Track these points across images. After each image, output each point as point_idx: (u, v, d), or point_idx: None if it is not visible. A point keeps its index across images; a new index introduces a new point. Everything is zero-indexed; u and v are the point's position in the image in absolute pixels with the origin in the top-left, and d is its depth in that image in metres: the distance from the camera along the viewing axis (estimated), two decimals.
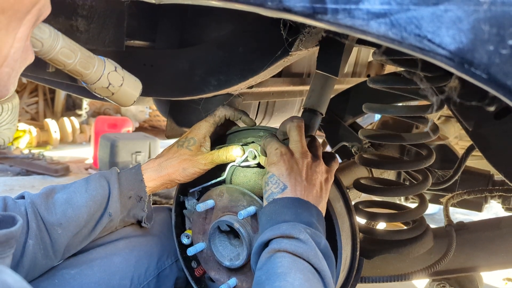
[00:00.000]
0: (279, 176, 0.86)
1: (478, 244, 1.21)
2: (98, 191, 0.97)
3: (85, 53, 0.88)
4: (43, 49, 0.81)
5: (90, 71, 0.89)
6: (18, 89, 6.02)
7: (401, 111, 1.05)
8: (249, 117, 1.13)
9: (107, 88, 0.92)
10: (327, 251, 0.78)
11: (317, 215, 0.83)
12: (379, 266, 1.19)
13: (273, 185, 0.86)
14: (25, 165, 4.35)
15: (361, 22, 0.40)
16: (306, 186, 0.85)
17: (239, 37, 1.22)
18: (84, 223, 0.96)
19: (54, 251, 0.93)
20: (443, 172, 1.68)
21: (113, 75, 0.92)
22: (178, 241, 1.08)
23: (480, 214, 1.82)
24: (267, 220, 0.83)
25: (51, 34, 0.81)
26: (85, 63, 0.88)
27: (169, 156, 1.05)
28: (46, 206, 0.94)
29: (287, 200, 0.83)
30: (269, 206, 0.84)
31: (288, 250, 0.74)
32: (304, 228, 0.77)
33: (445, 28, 0.38)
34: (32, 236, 0.90)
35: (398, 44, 0.40)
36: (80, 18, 1.25)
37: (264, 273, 0.73)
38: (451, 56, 0.38)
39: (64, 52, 0.84)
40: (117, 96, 0.95)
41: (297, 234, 0.76)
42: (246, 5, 0.48)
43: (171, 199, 3.49)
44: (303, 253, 0.74)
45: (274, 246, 0.76)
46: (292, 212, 0.81)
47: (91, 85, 0.91)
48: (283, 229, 0.77)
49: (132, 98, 0.98)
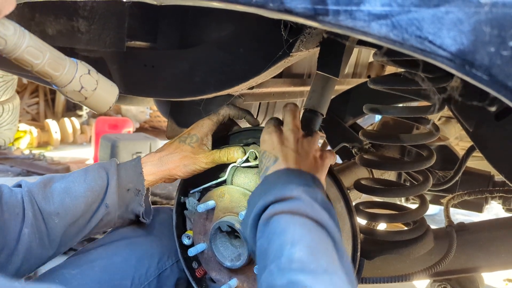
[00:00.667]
0: (270, 151, 0.87)
1: (479, 245, 1.21)
2: (97, 181, 0.98)
3: (55, 53, 0.83)
4: (6, 47, 0.76)
5: (60, 73, 0.83)
6: (19, 90, 6.02)
7: (402, 112, 1.05)
8: (252, 117, 1.13)
9: (79, 92, 0.87)
10: (325, 205, 0.75)
11: (313, 180, 0.80)
12: (379, 266, 1.19)
13: (265, 160, 0.86)
14: (26, 165, 4.36)
15: (362, 24, 0.40)
16: (297, 157, 0.84)
17: (240, 38, 1.22)
18: (81, 213, 0.96)
19: (50, 240, 0.94)
20: (443, 173, 1.68)
21: (86, 78, 0.87)
22: (179, 242, 1.08)
23: (481, 215, 1.82)
24: (262, 197, 0.78)
25: (16, 32, 0.77)
26: (55, 64, 0.82)
27: (171, 151, 1.05)
28: (44, 195, 0.94)
29: (278, 173, 0.82)
30: (261, 184, 0.83)
31: (285, 211, 0.71)
32: (295, 187, 0.74)
33: (446, 29, 0.38)
34: (28, 225, 0.90)
35: (399, 46, 0.40)
36: (81, 19, 1.25)
37: (265, 239, 0.70)
38: (452, 57, 0.38)
39: (30, 52, 0.79)
40: (90, 101, 0.89)
41: (290, 193, 0.73)
42: (247, 6, 0.48)
43: (171, 199, 3.49)
44: (299, 208, 0.71)
45: (268, 212, 0.73)
46: (284, 180, 0.78)
47: (62, 88, 0.86)
48: (274, 194, 0.74)
49: (107, 104, 0.92)
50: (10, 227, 0.89)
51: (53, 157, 4.76)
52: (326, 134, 1.73)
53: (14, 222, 0.90)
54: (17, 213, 0.91)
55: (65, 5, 1.23)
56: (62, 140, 5.84)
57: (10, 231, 0.89)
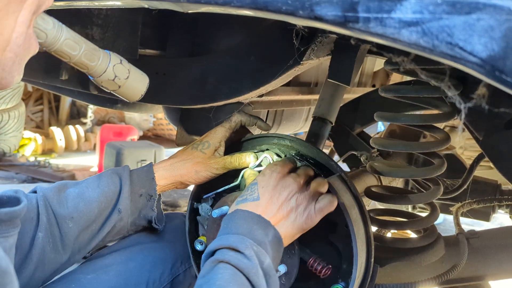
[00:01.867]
0: (260, 187, 0.88)
1: (490, 252, 1.21)
2: (110, 187, 0.99)
3: (90, 45, 0.89)
4: (47, 40, 0.81)
5: (96, 64, 0.89)
6: (24, 97, 6.05)
7: (413, 120, 1.06)
8: (264, 122, 1.15)
9: (113, 81, 0.93)
10: (269, 271, 0.79)
11: (273, 237, 0.83)
12: (390, 274, 1.19)
13: (251, 191, 0.88)
14: (31, 172, 4.37)
15: (392, 31, 0.42)
16: (277, 209, 0.86)
17: (251, 46, 1.23)
18: (94, 217, 0.97)
19: (63, 245, 0.94)
20: (451, 181, 1.69)
21: (118, 68, 0.93)
22: (191, 248, 1.09)
23: (485, 224, 1.82)
24: (223, 227, 0.85)
25: (55, 25, 0.82)
26: (90, 55, 0.88)
27: (183, 157, 1.06)
28: (58, 200, 0.95)
29: (247, 214, 0.84)
30: (231, 214, 0.86)
31: (231, 263, 0.76)
32: (251, 244, 0.78)
33: (477, 36, 0.39)
34: (42, 229, 0.91)
35: (429, 52, 0.41)
36: (96, 27, 1.27)
37: (205, 282, 0.75)
38: (483, 63, 0.40)
39: (68, 44, 0.84)
40: (123, 90, 0.95)
41: (243, 249, 0.77)
42: (277, 14, 0.50)
43: (176, 207, 3.49)
44: (244, 268, 0.75)
45: (218, 257, 0.78)
46: (247, 226, 0.82)
47: (97, 78, 0.91)
48: (230, 241, 0.79)
49: (139, 92, 0.98)
50: (24, 232, 0.89)
51: (58, 164, 4.77)
52: (334, 142, 1.74)
53: (28, 227, 0.91)
54: (32, 218, 0.92)
55: (80, 13, 1.24)
56: (67, 148, 5.86)
57: (24, 235, 0.89)
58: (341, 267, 0.92)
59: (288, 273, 0.93)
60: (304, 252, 0.94)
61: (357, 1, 0.44)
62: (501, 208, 1.72)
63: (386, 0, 0.42)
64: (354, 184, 1.22)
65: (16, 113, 4.36)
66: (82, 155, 5.88)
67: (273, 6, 0.49)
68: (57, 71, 1.48)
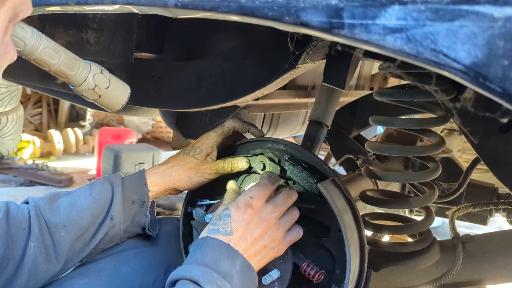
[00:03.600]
0: (233, 222, 0.85)
1: (485, 256, 1.21)
2: (102, 194, 0.98)
3: (70, 55, 0.89)
4: (26, 49, 0.82)
5: (75, 72, 0.89)
6: (22, 100, 6.05)
7: (408, 124, 1.06)
8: (257, 129, 1.14)
9: (94, 90, 0.93)
10: None
11: (241, 266, 0.82)
12: (385, 278, 1.19)
13: (223, 224, 0.85)
14: (29, 175, 4.36)
15: (377, 37, 0.42)
16: (249, 246, 0.84)
17: (246, 49, 1.23)
18: (87, 226, 0.96)
19: (57, 255, 0.94)
20: (448, 185, 1.68)
21: (99, 77, 0.93)
22: (185, 252, 1.08)
23: (484, 227, 1.82)
24: (190, 253, 0.84)
25: (34, 34, 0.82)
26: (70, 64, 0.88)
27: (175, 163, 1.06)
28: (50, 209, 0.95)
29: (216, 243, 0.83)
30: (200, 240, 0.85)
31: None
32: (215, 278, 0.77)
33: (461, 43, 0.39)
34: (33, 239, 0.91)
35: (414, 58, 0.41)
36: (91, 31, 1.27)
37: None
38: (466, 70, 0.39)
39: (47, 53, 0.85)
40: (104, 99, 0.95)
41: (205, 284, 0.76)
42: (264, 19, 0.49)
43: (174, 210, 3.49)
44: None
45: (179, 287, 0.77)
46: (213, 256, 0.81)
47: (77, 87, 0.92)
48: (193, 274, 0.77)
49: (120, 102, 0.98)
50: (16, 242, 0.89)
51: (56, 167, 4.76)
52: (331, 146, 1.74)
53: (20, 237, 0.90)
54: (23, 228, 0.91)
55: (75, 17, 1.25)
56: (65, 151, 5.85)
57: (16, 246, 0.89)
58: (335, 272, 0.92)
59: (281, 278, 0.93)
60: (297, 257, 0.94)
61: (342, 7, 0.44)
62: (498, 211, 1.71)
63: (371, 7, 0.42)
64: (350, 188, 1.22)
65: (14, 116, 4.36)
66: (81, 158, 5.87)
67: (259, 12, 0.49)
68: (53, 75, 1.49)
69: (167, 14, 0.70)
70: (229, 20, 0.63)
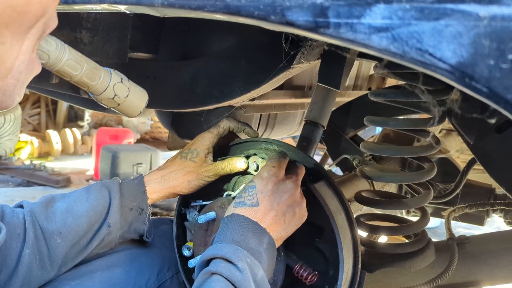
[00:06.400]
0: (259, 192, 0.87)
1: (481, 258, 1.21)
2: (99, 201, 0.97)
3: (91, 64, 0.90)
4: (49, 61, 0.83)
5: (96, 83, 0.91)
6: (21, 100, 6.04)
7: (402, 124, 1.05)
8: (252, 129, 1.14)
9: (113, 99, 0.94)
10: (262, 284, 0.79)
11: (267, 245, 0.84)
12: (380, 279, 1.18)
13: (249, 195, 0.87)
14: (26, 176, 4.36)
15: (363, 36, 0.41)
16: (275, 216, 0.86)
17: (242, 49, 1.23)
18: (83, 233, 0.95)
19: (51, 261, 0.92)
20: (444, 185, 1.68)
21: (119, 86, 0.94)
22: (179, 253, 1.08)
23: (482, 228, 1.81)
24: (219, 231, 0.85)
25: (58, 47, 0.83)
26: (91, 75, 0.89)
27: (174, 168, 1.05)
28: (46, 215, 0.93)
29: (244, 220, 0.84)
30: (228, 218, 0.86)
31: (224, 275, 0.76)
32: (245, 256, 0.78)
33: (446, 42, 0.39)
34: (28, 245, 0.89)
35: (400, 58, 0.40)
36: (85, 31, 1.26)
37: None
38: (452, 70, 0.39)
39: (70, 64, 0.86)
40: (123, 107, 0.97)
41: (236, 261, 0.77)
42: (249, 18, 0.49)
43: (171, 211, 3.48)
44: (236, 281, 0.75)
45: (211, 268, 0.77)
46: (242, 233, 0.82)
47: (97, 96, 0.93)
48: (224, 251, 0.78)
49: (138, 109, 1.00)
50: (10, 248, 0.88)
51: (54, 167, 4.76)
52: (327, 146, 1.74)
53: (15, 243, 0.89)
54: (18, 234, 0.90)
55: (69, 16, 1.24)
56: (63, 151, 5.85)
57: (10, 252, 0.88)
58: (328, 273, 0.91)
59: (274, 280, 0.92)
60: (290, 258, 0.93)
61: (327, 6, 0.43)
62: (495, 212, 1.71)
63: (356, 5, 0.41)
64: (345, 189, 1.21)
65: (12, 116, 4.34)
66: (79, 158, 5.86)
67: (245, 11, 0.48)
68: (48, 74, 1.48)
69: (154, 13, 0.69)
70: (223, 20, 0.63)
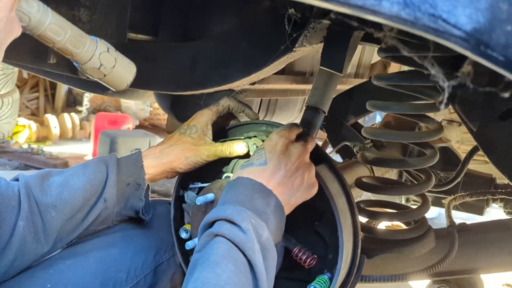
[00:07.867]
0: (268, 152, 0.85)
1: (480, 245, 1.20)
2: (96, 175, 0.96)
3: (76, 31, 0.86)
4: (30, 24, 0.78)
5: (81, 51, 0.87)
6: (19, 84, 6.01)
7: (406, 109, 1.04)
8: (252, 111, 1.12)
9: (99, 69, 0.90)
10: (267, 245, 0.77)
11: (275, 207, 0.81)
12: (379, 265, 1.18)
13: (257, 155, 0.86)
14: (24, 159, 4.34)
15: (372, 2, 0.39)
16: (283, 177, 0.83)
17: (243, 32, 1.21)
18: (79, 207, 0.94)
19: (46, 235, 0.91)
20: (445, 174, 1.67)
21: (105, 56, 0.91)
22: (176, 235, 1.07)
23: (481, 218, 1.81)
24: (223, 194, 0.83)
25: (40, 9, 0.79)
26: (76, 42, 0.86)
27: (171, 143, 1.04)
28: (41, 188, 0.92)
29: (249, 182, 0.82)
30: (233, 181, 0.84)
31: (227, 236, 0.74)
32: (249, 216, 0.76)
33: (462, 7, 0.37)
34: (23, 218, 0.88)
35: (411, 25, 0.38)
36: (83, 9, 1.23)
37: (201, 257, 0.73)
38: (467, 37, 0.37)
39: (53, 29, 0.81)
40: (109, 78, 0.93)
41: (239, 222, 0.75)
42: None
43: (170, 196, 3.47)
44: (239, 243, 0.73)
45: (214, 230, 0.75)
46: (247, 194, 0.80)
47: (82, 65, 0.89)
48: (227, 213, 0.76)
49: (125, 81, 0.96)
50: (5, 220, 0.87)
51: (52, 152, 4.74)
52: (328, 133, 1.72)
53: (9, 215, 0.88)
54: (13, 206, 0.89)
55: None
56: (61, 136, 5.83)
57: (4, 224, 0.87)
58: (327, 257, 0.90)
59: None
60: (289, 242, 0.92)
61: None
62: (495, 202, 1.70)
63: None
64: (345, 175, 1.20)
65: (10, 99, 4.31)
66: (77, 143, 5.85)
67: None
68: (45, 54, 1.45)
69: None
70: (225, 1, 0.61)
